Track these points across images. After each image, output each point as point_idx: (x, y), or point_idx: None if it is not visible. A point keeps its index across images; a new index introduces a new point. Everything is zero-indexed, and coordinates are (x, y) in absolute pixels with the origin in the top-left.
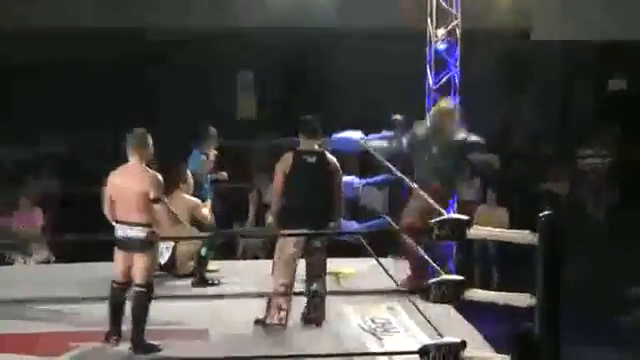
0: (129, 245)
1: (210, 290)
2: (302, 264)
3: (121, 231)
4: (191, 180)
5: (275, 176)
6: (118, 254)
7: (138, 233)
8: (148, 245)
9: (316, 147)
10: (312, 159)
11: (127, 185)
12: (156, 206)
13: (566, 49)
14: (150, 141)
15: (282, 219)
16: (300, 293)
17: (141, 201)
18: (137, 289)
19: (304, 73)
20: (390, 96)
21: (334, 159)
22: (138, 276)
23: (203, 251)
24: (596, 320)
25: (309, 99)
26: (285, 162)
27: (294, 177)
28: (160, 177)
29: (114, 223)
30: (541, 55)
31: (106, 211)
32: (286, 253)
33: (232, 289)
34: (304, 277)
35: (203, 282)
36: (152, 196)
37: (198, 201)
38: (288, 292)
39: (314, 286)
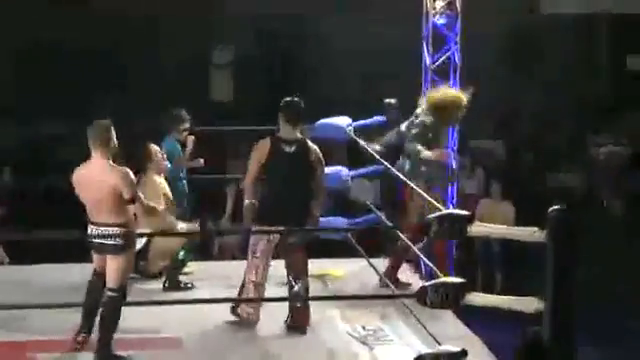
0: (101, 248)
1: (183, 294)
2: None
3: (92, 231)
4: (160, 155)
5: (249, 165)
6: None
7: (110, 235)
8: (121, 248)
9: (298, 135)
10: (291, 148)
11: (94, 184)
12: (132, 206)
13: (578, 23)
14: (114, 134)
15: (257, 213)
16: (280, 299)
17: (111, 200)
18: (109, 293)
19: (288, 52)
20: (383, 77)
21: (316, 148)
22: (111, 279)
23: (182, 254)
24: (612, 322)
25: (293, 80)
26: (261, 150)
27: (271, 167)
28: (130, 172)
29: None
30: (550, 30)
31: None
32: (258, 249)
33: (209, 293)
34: (285, 280)
35: (176, 286)
36: (127, 196)
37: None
38: (259, 291)
39: (295, 289)
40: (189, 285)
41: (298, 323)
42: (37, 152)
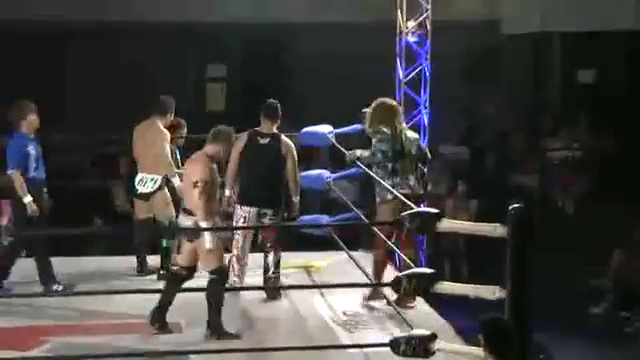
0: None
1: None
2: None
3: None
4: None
5: (231, 155)
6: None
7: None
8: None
9: (274, 129)
10: (265, 140)
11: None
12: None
13: (534, 41)
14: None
15: (237, 195)
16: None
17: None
18: (210, 276)
19: (273, 67)
20: (360, 89)
21: (289, 142)
22: (207, 263)
23: (164, 242)
24: (567, 311)
25: (278, 93)
26: (240, 141)
27: (246, 156)
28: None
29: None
30: (510, 47)
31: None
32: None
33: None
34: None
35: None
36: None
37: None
38: (240, 263)
39: (267, 259)
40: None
41: (270, 290)
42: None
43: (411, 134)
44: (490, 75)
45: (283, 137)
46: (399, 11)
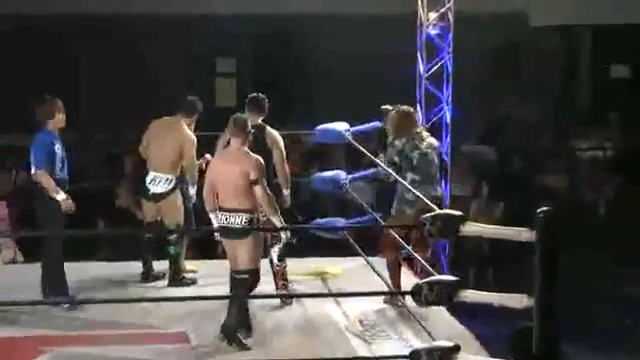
0: (230, 233)
1: (190, 291)
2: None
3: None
4: None
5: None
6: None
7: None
8: (247, 232)
9: (259, 121)
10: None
11: (229, 169)
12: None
13: (565, 34)
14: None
15: None
16: None
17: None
18: (238, 276)
19: (288, 61)
20: (380, 85)
21: (274, 133)
22: (241, 262)
23: (171, 249)
24: (595, 320)
25: (293, 89)
26: (224, 135)
27: None
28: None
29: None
30: (539, 41)
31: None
32: None
33: (213, 290)
34: None
35: (179, 282)
36: (252, 177)
37: None
38: None
39: (271, 252)
40: (190, 281)
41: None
42: None
43: (432, 141)
44: (516, 70)
45: (268, 128)
46: (420, 2)
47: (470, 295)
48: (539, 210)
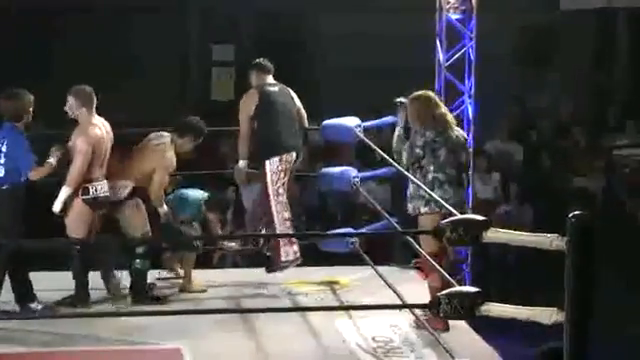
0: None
1: (188, 305)
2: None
3: None
4: None
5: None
6: None
7: None
8: None
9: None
10: None
11: None
12: None
13: (597, 18)
14: None
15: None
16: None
17: None
18: None
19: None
20: (393, 75)
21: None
22: None
23: (139, 263)
24: (632, 342)
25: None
26: None
27: None
28: None
29: None
30: (570, 25)
31: None
32: (280, 185)
33: (210, 303)
34: None
35: (145, 298)
36: None
37: None
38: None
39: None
40: (160, 297)
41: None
42: None
43: (460, 133)
44: (546, 59)
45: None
46: None
47: (493, 309)
48: (571, 215)
